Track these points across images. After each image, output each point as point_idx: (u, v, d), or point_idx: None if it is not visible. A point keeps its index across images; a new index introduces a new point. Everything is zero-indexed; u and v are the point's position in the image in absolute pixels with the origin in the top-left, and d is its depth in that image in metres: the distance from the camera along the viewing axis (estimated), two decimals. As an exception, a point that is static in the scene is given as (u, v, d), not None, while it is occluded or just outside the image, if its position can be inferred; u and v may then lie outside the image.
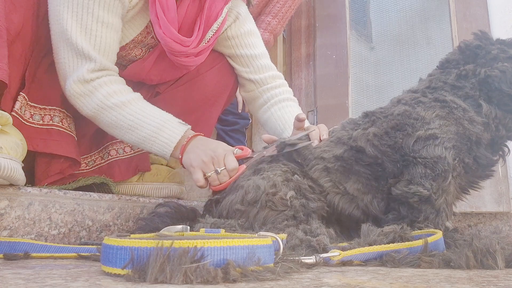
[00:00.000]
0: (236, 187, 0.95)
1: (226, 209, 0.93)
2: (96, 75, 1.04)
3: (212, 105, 1.36)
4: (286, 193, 0.88)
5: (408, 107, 0.96)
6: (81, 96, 1.04)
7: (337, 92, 2.13)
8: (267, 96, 1.33)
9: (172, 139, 1.04)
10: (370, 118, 0.99)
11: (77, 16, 1.01)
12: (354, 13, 2.24)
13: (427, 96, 0.97)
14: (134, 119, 1.04)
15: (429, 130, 0.89)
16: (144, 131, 1.04)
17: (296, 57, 2.36)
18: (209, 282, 0.44)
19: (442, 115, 0.92)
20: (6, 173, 0.83)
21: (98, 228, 1.06)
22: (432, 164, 0.86)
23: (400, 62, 2.11)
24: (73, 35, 1.01)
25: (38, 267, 0.61)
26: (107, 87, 1.04)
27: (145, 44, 1.21)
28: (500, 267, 0.61)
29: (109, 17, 1.04)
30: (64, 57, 1.03)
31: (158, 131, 1.04)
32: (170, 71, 1.27)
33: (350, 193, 0.94)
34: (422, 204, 0.86)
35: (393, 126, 0.93)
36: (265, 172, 0.94)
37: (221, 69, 1.35)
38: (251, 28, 1.35)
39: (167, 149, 1.05)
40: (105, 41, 1.05)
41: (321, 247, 0.69)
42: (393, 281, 0.50)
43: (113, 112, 1.04)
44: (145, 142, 1.05)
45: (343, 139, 0.98)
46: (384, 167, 0.92)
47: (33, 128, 1.06)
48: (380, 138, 0.93)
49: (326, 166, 0.96)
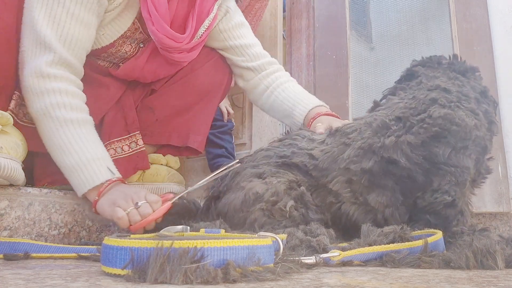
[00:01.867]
0: (237, 186, 0.94)
1: (226, 208, 0.92)
2: (54, 73, 0.98)
3: (208, 100, 1.37)
4: (286, 204, 0.85)
5: (448, 110, 0.87)
6: (32, 92, 0.98)
7: (337, 92, 2.13)
8: (268, 81, 1.34)
9: (90, 182, 0.95)
10: (405, 124, 0.89)
11: (47, 5, 0.98)
12: (354, 13, 2.24)
13: (463, 104, 0.90)
14: (67, 143, 0.96)
15: (465, 142, 0.86)
16: (69, 159, 0.96)
17: (296, 57, 2.36)
18: (209, 282, 0.44)
19: (478, 126, 0.89)
20: (6, 173, 0.83)
21: (98, 228, 1.06)
22: (459, 173, 0.85)
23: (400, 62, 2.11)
24: (39, 23, 0.97)
25: (38, 267, 0.61)
26: (60, 96, 0.98)
27: (134, 39, 1.21)
28: (500, 268, 0.61)
29: (81, 12, 1.01)
30: (25, 44, 0.99)
31: (82, 166, 0.96)
32: (163, 68, 1.27)
33: (370, 205, 0.89)
34: (446, 209, 0.86)
35: (433, 135, 0.86)
36: (269, 177, 0.91)
37: (214, 64, 1.36)
38: (241, 20, 1.37)
39: (82, 188, 0.96)
40: (73, 33, 1.01)
41: (321, 247, 0.69)
42: (393, 282, 0.50)
43: (52, 124, 0.97)
44: (66, 169, 0.97)
45: (374, 147, 0.89)
46: (414, 179, 0.87)
47: (28, 128, 1.06)
48: (415, 148, 0.86)
49: (351, 178, 0.90)
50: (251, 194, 0.88)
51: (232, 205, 0.91)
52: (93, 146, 0.99)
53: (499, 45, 1.72)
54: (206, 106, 1.37)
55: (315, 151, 0.95)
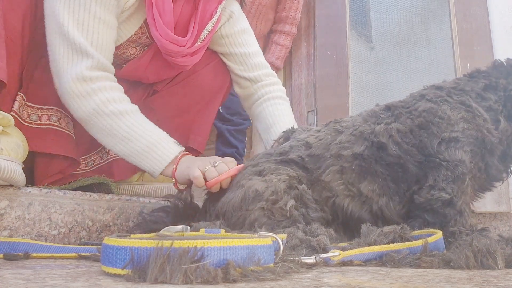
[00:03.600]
0: (237, 185, 0.93)
1: (224, 207, 0.92)
2: (96, 75, 1.01)
3: (209, 101, 1.38)
4: (286, 203, 0.85)
5: (433, 104, 0.93)
6: (78, 97, 1.01)
7: (337, 92, 2.13)
8: (261, 92, 1.34)
9: (166, 157, 1.03)
10: (393, 112, 0.95)
11: (73, 12, 0.99)
12: (354, 13, 2.24)
13: (452, 97, 0.95)
14: (129, 131, 1.02)
15: (453, 133, 0.88)
16: (138, 144, 1.02)
17: (296, 57, 2.36)
18: (209, 282, 0.44)
19: (467, 118, 0.91)
20: (6, 175, 0.83)
21: (98, 228, 1.06)
22: (453, 167, 0.86)
23: (400, 62, 2.11)
24: (70, 31, 0.99)
25: (38, 267, 0.61)
26: (106, 92, 1.02)
27: (139, 43, 1.21)
28: (500, 267, 0.61)
29: (105, 14, 1.03)
30: (60, 53, 1.00)
31: (153, 147, 1.02)
32: (166, 69, 1.28)
33: (364, 194, 0.91)
34: (445, 208, 0.86)
35: (418, 124, 0.90)
36: (268, 175, 0.91)
37: (216, 66, 1.36)
38: (245, 27, 1.36)
39: (158, 166, 1.03)
40: (102, 38, 1.03)
41: (321, 247, 0.69)
42: (393, 281, 0.50)
43: (108, 119, 1.01)
44: (137, 155, 1.03)
45: (365, 134, 0.94)
46: (406, 168, 0.90)
47: (31, 128, 1.06)
48: (404, 136, 0.90)
49: (342, 166, 0.92)
50: (250, 192, 0.88)
51: (231, 204, 0.90)
52: (154, 128, 1.05)
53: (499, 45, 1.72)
54: (207, 107, 1.38)
55: (310, 138, 1.00)
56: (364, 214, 0.91)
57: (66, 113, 1.14)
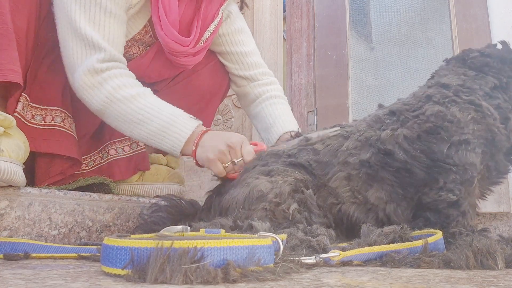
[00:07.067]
0: (243, 182, 0.93)
1: (228, 204, 0.92)
2: (107, 66, 1.02)
3: (209, 101, 1.38)
4: (289, 206, 0.85)
5: (441, 106, 0.89)
6: (90, 88, 1.02)
7: (337, 92, 2.13)
8: (258, 91, 1.35)
9: (183, 134, 1.01)
10: (399, 117, 0.92)
11: (84, 7, 1.00)
12: (354, 13, 2.24)
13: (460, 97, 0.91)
14: (143, 113, 1.01)
15: (463, 135, 0.86)
16: (154, 125, 1.01)
17: (296, 57, 2.36)
18: (209, 282, 0.44)
19: (477, 119, 0.89)
20: (6, 177, 0.83)
21: (98, 228, 1.06)
22: (462, 171, 0.85)
23: (400, 62, 2.11)
24: (82, 26, 0.99)
25: (38, 268, 0.61)
26: (116, 79, 1.02)
27: (142, 42, 1.21)
28: (500, 268, 0.61)
29: (116, 9, 1.04)
30: (72, 48, 1.01)
31: (169, 125, 1.01)
32: (168, 68, 1.28)
33: (370, 202, 0.89)
34: (449, 209, 0.85)
35: (426, 129, 0.87)
36: (275, 176, 0.90)
37: (215, 66, 1.36)
38: (242, 26, 1.36)
39: (177, 144, 1.02)
40: (114, 32, 1.04)
41: (321, 247, 0.69)
42: (393, 282, 0.50)
43: (121, 105, 1.01)
44: (155, 137, 1.02)
45: (370, 140, 0.91)
46: (413, 173, 0.88)
47: (35, 129, 1.06)
48: (411, 142, 0.88)
49: (349, 173, 0.90)
50: (255, 192, 0.87)
51: (234, 201, 0.90)
52: (168, 106, 1.04)
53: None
54: (206, 107, 1.38)
55: (318, 145, 0.98)
56: (370, 221, 0.89)
57: (69, 114, 1.15)
